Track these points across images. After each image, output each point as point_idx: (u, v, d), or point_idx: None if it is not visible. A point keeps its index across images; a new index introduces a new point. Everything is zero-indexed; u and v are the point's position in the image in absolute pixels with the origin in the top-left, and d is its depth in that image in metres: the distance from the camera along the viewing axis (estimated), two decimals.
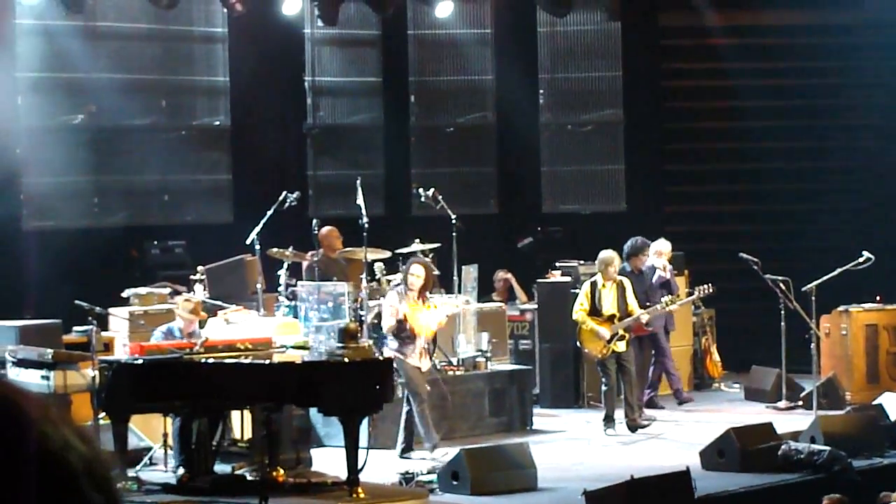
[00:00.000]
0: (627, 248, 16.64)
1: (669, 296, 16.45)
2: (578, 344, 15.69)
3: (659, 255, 17.01)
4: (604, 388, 15.55)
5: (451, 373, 15.50)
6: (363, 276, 15.33)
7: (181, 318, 13.24)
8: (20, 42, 16.96)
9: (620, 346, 15.38)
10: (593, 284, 15.56)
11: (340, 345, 12.32)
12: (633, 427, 15.36)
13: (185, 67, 18.55)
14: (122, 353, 13.86)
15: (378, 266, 15.83)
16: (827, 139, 20.65)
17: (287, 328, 14.80)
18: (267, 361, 12.65)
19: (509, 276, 18.46)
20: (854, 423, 14.43)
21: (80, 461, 1.74)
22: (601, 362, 15.50)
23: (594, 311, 15.44)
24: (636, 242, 16.77)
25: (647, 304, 16.08)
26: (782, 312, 16.15)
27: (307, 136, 19.73)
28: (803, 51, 20.71)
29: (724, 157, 21.03)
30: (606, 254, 15.62)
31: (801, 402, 16.55)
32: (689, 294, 16.97)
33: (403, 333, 13.80)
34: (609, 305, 15.44)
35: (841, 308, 17.20)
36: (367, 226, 15.31)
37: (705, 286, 16.51)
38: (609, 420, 15.37)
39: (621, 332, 15.36)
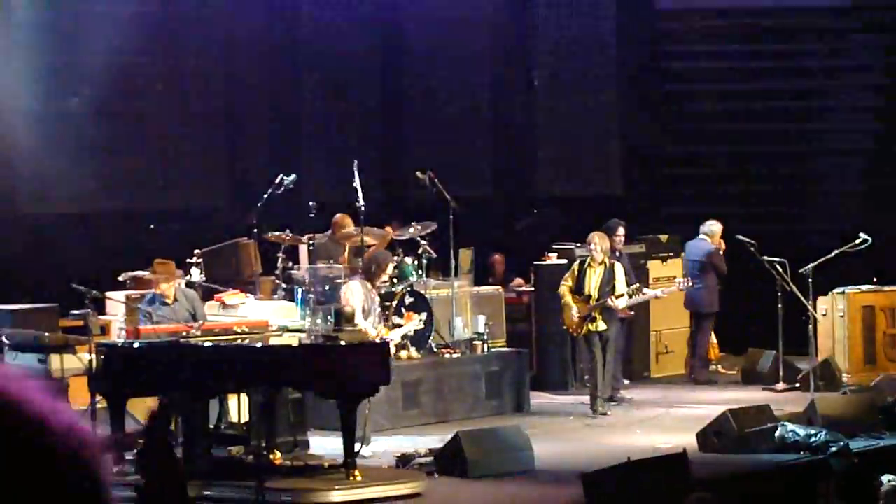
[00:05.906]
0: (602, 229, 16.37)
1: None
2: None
3: (712, 236, 17.16)
4: (588, 365, 15.64)
5: (447, 355, 15.50)
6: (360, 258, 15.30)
7: (156, 284, 13.35)
8: (15, 24, 16.91)
9: (600, 326, 15.38)
10: (581, 263, 15.59)
11: (337, 327, 12.31)
12: (607, 399, 15.46)
13: (180, 49, 18.48)
14: (118, 336, 13.85)
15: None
16: (824, 121, 20.61)
17: (283, 312, 14.77)
18: (263, 344, 12.63)
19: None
20: (851, 404, 14.44)
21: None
22: (587, 339, 15.52)
23: (578, 290, 15.48)
24: (609, 223, 16.64)
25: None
26: (779, 294, 16.14)
27: (304, 118, 19.67)
28: (800, 32, 20.66)
29: (721, 138, 20.99)
30: (590, 235, 15.64)
31: (798, 384, 16.55)
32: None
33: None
34: (589, 286, 15.44)
35: (838, 290, 17.20)
36: (363, 209, 15.28)
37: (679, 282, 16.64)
38: (595, 399, 15.35)
39: (594, 314, 15.34)
